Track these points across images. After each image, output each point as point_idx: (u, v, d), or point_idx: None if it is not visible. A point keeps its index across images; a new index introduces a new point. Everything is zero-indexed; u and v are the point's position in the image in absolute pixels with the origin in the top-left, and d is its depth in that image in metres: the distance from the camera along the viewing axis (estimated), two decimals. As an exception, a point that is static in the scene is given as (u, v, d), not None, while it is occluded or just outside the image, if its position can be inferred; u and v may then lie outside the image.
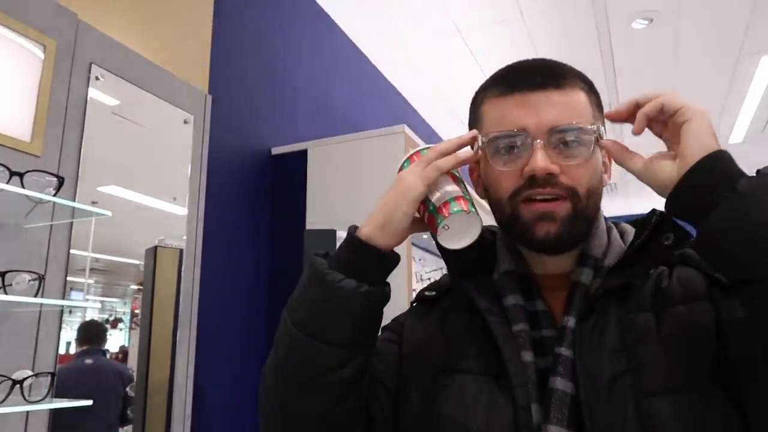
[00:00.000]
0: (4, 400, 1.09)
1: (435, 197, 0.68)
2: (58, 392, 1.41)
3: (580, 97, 0.70)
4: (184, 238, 1.86)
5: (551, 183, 0.66)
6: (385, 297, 0.68)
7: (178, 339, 1.75)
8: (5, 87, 1.36)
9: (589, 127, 0.67)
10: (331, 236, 1.88)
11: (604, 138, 0.69)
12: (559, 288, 0.71)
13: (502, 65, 0.76)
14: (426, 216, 0.70)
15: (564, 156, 0.67)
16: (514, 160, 0.68)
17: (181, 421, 1.73)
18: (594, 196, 0.69)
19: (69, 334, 1.50)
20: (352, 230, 0.69)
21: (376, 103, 3.81)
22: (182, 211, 1.88)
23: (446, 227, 0.67)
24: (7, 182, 1.15)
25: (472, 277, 0.74)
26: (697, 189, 0.57)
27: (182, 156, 1.92)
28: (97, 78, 1.62)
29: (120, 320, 1.72)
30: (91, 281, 1.55)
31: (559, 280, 0.72)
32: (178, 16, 2.16)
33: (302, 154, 2.54)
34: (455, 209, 0.66)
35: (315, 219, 2.41)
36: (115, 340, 1.70)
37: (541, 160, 0.65)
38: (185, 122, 1.94)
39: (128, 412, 1.63)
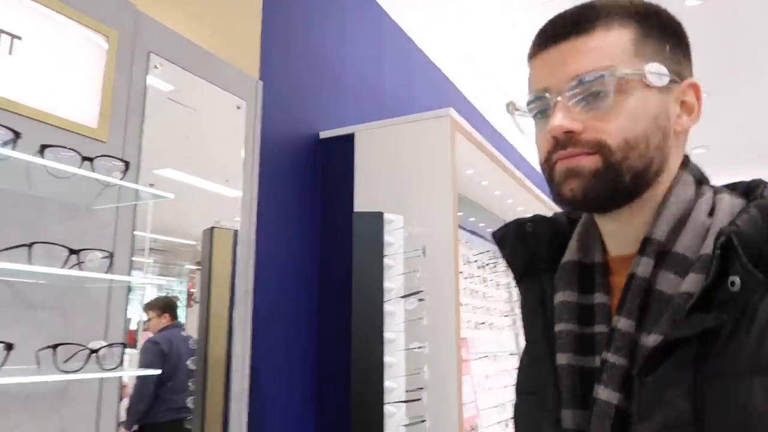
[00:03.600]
0: (83, 368, 1.18)
1: None
2: (156, 356, 1.65)
3: (611, 37, 0.61)
4: (236, 219, 1.93)
5: (572, 142, 0.61)
6: None
7: (235, 316, 1.83)
8: (75, 77, 1.44)
9: (606, 74, 0.59)
10: (379, 219, 1.91)
11: (649, 76, 0.60)
12: (623, 275, 0.64)
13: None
14: None
15: (588, 109, 0.61)
16: (546, 124, 0.64)
17: (239, 394, 1.82)
18: (637, 147, 0.60)
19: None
20: None
21: (422, 86, 3.80)
22: (234, 193, 1.95)
23: None
24: (80, 167, 1.24)
25: (536, 280, 0.72)
26: None
27: (235, 140, 1.99)
28: (155, 67, 1.69)
29: (177, 298, 1.81)
30: (150, 261, 1.64)
31: (623, 265, 0.64)
32: (229, 4, 2.22)
33: (349, 138, 2.58)
34: None
35: (362, 201, 2.44)
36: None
37: (556, 120, 0.61)
38: (237, 108, 2.01)
39: (189, 383, 1.73)
